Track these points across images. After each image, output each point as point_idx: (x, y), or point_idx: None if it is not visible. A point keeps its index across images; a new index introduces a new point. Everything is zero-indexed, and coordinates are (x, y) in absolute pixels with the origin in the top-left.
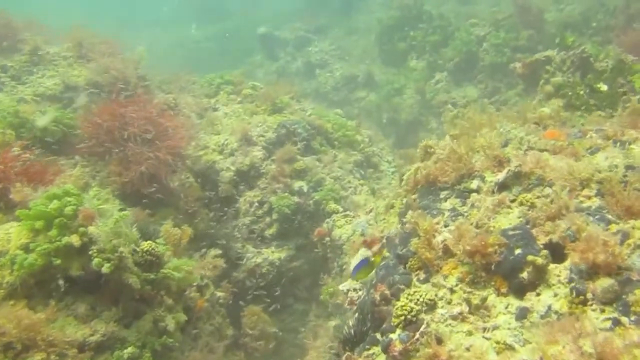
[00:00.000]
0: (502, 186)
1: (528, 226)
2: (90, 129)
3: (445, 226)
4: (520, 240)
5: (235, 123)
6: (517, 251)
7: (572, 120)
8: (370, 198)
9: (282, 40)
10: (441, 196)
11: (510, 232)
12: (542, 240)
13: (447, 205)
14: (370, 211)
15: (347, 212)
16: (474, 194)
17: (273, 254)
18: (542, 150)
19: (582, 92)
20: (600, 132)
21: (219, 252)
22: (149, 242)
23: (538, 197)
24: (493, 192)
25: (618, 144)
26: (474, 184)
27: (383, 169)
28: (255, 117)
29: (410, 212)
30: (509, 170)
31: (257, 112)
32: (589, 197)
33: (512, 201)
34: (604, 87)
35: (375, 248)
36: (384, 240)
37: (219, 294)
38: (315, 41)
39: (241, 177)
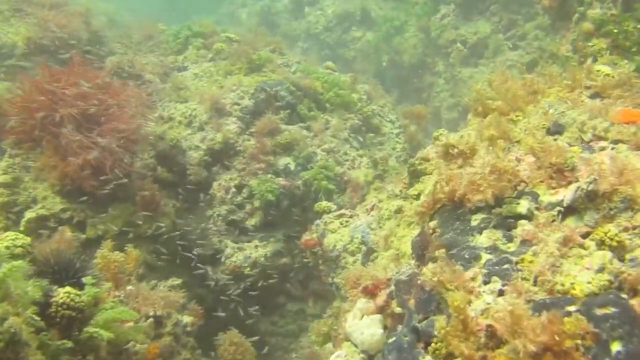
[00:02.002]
0: (569, 211)
1: (619, 291)
2: (16, 109)
3: (485, 283)
4: (617, 327)
5: (206, 87)
6: (615, 347)
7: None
8: (371, 173)
9: None
10: (473, 223)
11: (598, 311)
12: None
13: (483, 240)
14: (372, 208)
15: (342, 212)
16: (524, 222)
17: (257, 250)
18: (616, 143)
19: (632, 28)
20: None
21: (178, 281)
22: (66, 289)
23: (630, 231)
24: (553, 220)
25: None
26: (523, 207)
27: (385, 132)
28: (229, 78)
29: (429, 259)
30: (579, 188)
31: (232, 71)
32: None
33: (586, 236)
34: None
35: (381, 300)
36: (392, 287)
37: (185, 319)
38: None
39: (214, 157)
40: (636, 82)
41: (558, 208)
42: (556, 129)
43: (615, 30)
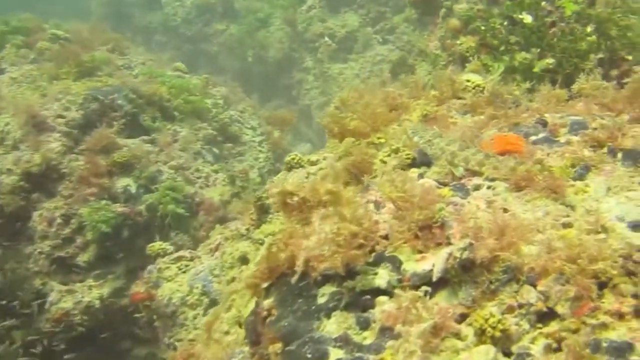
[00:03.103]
0: (440, 283)
1: None
2: None
3: None
4: None
5: (27, 94)
6: None
7: (506, 86)
8: (228, 190)
9: None
10: (320, 301)
11: None
12: None
13: (332, 328)
14: (217, 248)
15: (181, 254)
16: (383, 300)
17: (90, 291)
18: (493, 180)
19: (499, 25)
20: (579, 127)
21: None
22: None
23: (515, 312)
24: (419, 299)
25: (620, 155)
26: (382, 278)
27: (246, 140)
28: (55, 84)
29: (260, 357)
30: (451, 256)
31: (59, 75)
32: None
33: (462, 319)
34: (527, 18)
35: None
36: None
37: None
38: None
39: (32, 182)
40: (508, 96)
41: (425, 288)
42: (423, 161)
43: (482, 28)
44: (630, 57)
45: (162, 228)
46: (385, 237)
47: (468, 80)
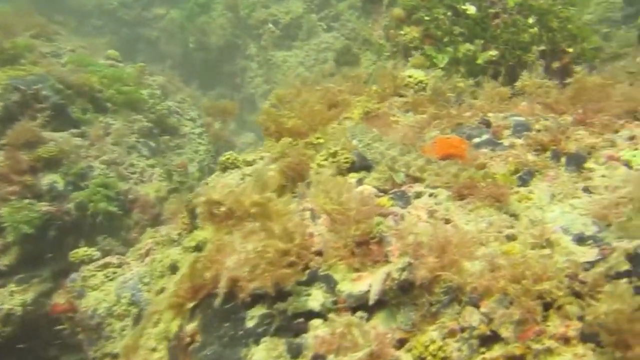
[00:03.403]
0: (377, 305)
1: None
2: None
3: None
4: None
5: None
6: None
7: (449, 82)
8: (165, 186)
9: None
10: (249, 324)
11: None
12: None
13: (261, 356)
14: (147, 253)
15: (108, 260)
16: (317, 323)
17: (12, 297)
18: (435, 188)
19: (442, 16)
20: (523, 129)
21: None
22: None
23: (457, 336)
24: (354, 323)
25: (564, 160)
26: (315, 300)
27: (185, 132)
28: None
29: None
30: (389, 277)
31: None
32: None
33: (402, 344)
34: (471, 9)
35: None
36: None
37: None
38: None
39: None
40: (451, 94)
41: (360, 314)
42: (362, 165)
43: (426, 18)
44: (571, 50)
45: (93, 227)
46: (320, 253)
47: (410, 76)
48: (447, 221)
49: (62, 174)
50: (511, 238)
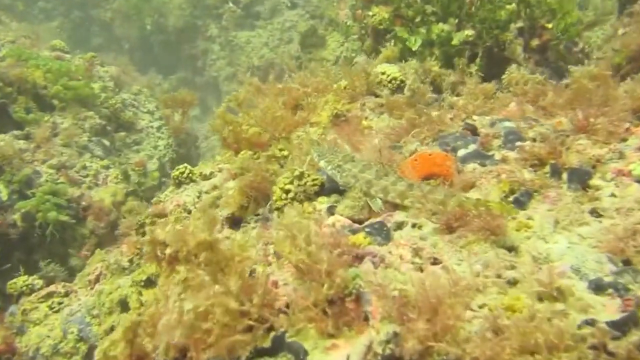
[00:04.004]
0: None
1: None
2: None
3: None
4: None
5: None
6: None
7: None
8: (122, 189)
9: None
10: None
11: None
12: None
13: None
14: (97, 280)
15: (52, 289)
16: None
17: None
18: (417, 217)
19: None
20: (515, 138)
21: None
22: None
23: None
24: None
25: (565, 176)
26: None
27: (143, 127)
28: None
29: None
30: (369, 350)
31: None
32: None
33: None
34: None
35: None
36: None
37: None
38: None
39: None
40: (431, 95)
41: None
42: (333, 188)
43: None
44: (550, 25)
45: (43, 240)
46: (287, 308)
47: (383, 73)
48: (435, 261)
49: (4, 182)
50: (513, 283)
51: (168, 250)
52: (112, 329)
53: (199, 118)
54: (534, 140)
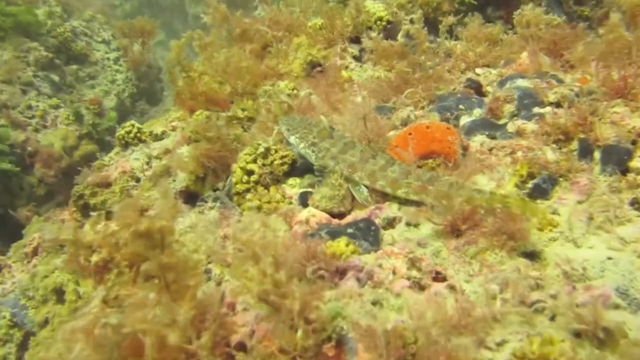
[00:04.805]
0: None
1: None
2: None
3: None
4: None
5: None
6: None
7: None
8: (75, 131)
9: None
10: None
11: None
12: None
13: None
14: (34, 253)
15: None
16: None
17: None
18: (415, 227)
19: None
20: (530, 102)
21: None
22: None
23: None
24: None
25: (597, 155)
26: None
27: (98, 59)
28: None
29: None
30: None
31: None
32: None
33: None
34: None
35: None
36: None
37: None
38: None
39: None
40: (428, 44)
41: None
42: (305, 167)
43: None
44: None
45: None
46: (244, 346)
47: (368, 11)
48: (438, 275)
49: None
50: (541, 312)
51: (95, 258)
52: (46, 321)
53: (163, 44)
54: (557, 105)
